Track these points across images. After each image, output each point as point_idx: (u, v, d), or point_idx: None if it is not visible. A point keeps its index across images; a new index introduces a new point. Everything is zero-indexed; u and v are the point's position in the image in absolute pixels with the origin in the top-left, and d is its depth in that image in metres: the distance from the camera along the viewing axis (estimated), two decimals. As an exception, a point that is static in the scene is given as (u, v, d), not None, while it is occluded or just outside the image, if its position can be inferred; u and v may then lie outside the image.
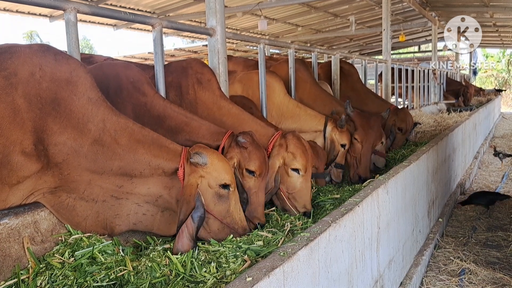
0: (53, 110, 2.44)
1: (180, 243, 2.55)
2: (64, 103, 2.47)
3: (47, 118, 2.42)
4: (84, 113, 2.52)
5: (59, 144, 2.46)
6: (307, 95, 5.52)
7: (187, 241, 2.56)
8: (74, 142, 2.49)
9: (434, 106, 13.45)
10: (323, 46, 20.98)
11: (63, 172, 2.51)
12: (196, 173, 2.66)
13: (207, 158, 2.67)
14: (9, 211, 2.46)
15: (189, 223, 2.58)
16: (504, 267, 4.61)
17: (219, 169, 2.71)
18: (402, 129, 6.28)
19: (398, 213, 3.88)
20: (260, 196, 3.17)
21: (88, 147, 2.51)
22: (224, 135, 3.14)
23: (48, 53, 2.50)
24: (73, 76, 2.53)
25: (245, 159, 3.08)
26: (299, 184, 3.54)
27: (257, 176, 3.12)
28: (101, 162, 2.55)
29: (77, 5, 2.90)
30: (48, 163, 2.46)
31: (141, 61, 15.13)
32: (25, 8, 10.65)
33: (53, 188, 2.53)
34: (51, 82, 2.45)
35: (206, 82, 3.76)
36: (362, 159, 4.83)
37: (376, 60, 9.62)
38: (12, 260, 2.36)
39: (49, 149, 2.44)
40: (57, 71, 2.48)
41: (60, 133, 2.45)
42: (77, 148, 2.49)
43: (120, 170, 2.59)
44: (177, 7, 12.52)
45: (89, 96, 2.56)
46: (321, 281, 2.38)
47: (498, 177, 8.68)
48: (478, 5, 13.83)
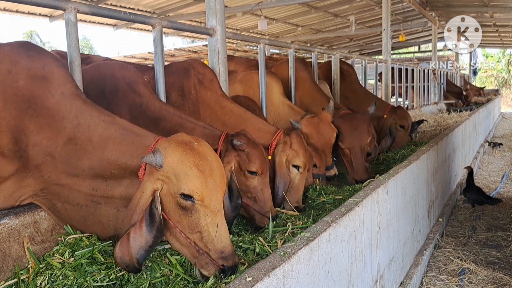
0: (30, 109, 2.33)
1: (121, 254, 2.15)
2: (40, 101, 2.35)
3: (24, 117, 2.32)
4: (59, 110, 2.37)
5: (38, 145, 2.33)
6: (306, 95, 5.53)
7: (128, 257, 2.15)
8: (50, 142, 2.34)
9: (434, 106, 13.45)
10: (323, 46, 20.98)
11: (43, 175, 2.38)
12: (153, 175, 2.19)
13: (163, 158, 2.15)
14: (9, 211, 2.46)
15: (141, 234, 2.14)
16: (504, 267, 4.61)
17: (179, 173, 2.16)
18: (404, 126, 6.22)
19: (398, 213, 3.88)
20: (266, 192, 3.24)
21: (62, 146, 2.35)
22: (219, 138, 3.13)
23: (22, 49, 2.41)
24: (47, 71, 2.40)
25: (244, 161, 3.09)
26: (297, 180, 3.66)
27: (259, 175, 3.16)
28: (74, 163, 2.35)
29: (77, 5, 2.90)
30: (28, 164, 2.36)
31: (141, 61, 15.15)
32: (25, 8, 10.63)
33: (39, 191, 2.43)
34: (27, 79, 2.35)
35: (208, 82, 3.80)
36: (354, 163, 4.78)
37: (376, 60, 9.63)
38: (12, 260, 2.36)
39: (28, 150, 2.34)
40: (32, 68, 2.38)
41: (37, 133, 2.33)
42: (52, 148, 2.34)
43: (91, 171, 2.35)
44: (177, 7, 12.51)
45: (63, 91, 2.40)
46: (321, 281, 2.38)
47: (498, 177, 8.68)
48: (478, 5, 13.82)
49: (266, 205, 3.21)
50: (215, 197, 2.21)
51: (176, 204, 2.19)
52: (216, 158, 2.31)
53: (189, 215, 2.18)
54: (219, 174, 2.26)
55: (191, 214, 2.17)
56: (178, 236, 2.23)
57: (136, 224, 2.13)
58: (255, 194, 3.18)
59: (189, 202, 2.16)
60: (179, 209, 2.19)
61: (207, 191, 2.17)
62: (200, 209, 2.17)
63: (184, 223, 2.20)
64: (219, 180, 2.25)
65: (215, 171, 2.24)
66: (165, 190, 2.19)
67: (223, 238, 2.20)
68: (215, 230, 2.18)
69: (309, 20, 16.49)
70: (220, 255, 2.19)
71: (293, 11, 14.88)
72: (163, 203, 2.20)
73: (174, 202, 2.19)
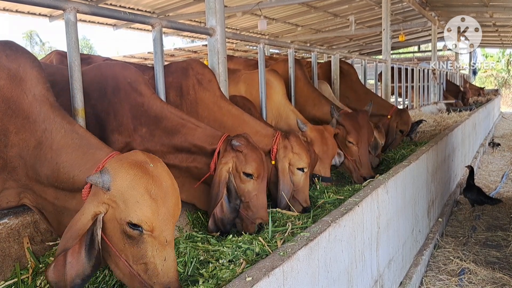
0: (9, 109, 2.28)
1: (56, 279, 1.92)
2: (18, 102, 2.29)
3: (3, 118, 2.28)
4: (32, 112, 2.29)
5: (15, 146, 2.27)
6: (299, 94, 5.53)
7: (63, 283, 1.92)
8: (24, 144, 2.27)
9: (434, 106, 13.46)
10: (323, 46, 20.98)
11: (20, 178, 2.31)
12: (97, 197, 1.96)
13: (111, 180, 1.92)
14: (8, 211, 2.46)
15: (78, 261, 1.92)
16: (503, 267, 4.62)
17: (128, 200, 1.92)
18: (403, 131, 6.39)
19: (397, 213, 3.88)
20: (261, 198, 3.14)
21: (32, 150, 2.25)
22: (220, 138, 3.11)
23: (2, 48, 2.36)
24: (21, 72, 2.33)
25: (241, 163, 3.04)
26: (302, 181, 3.67)
27: (255, 179, 3.09)
28: (37, 169, 2.24)
29: (77, 5, 2.89)
30: (6, 166, 2.31)
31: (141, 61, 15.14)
32: (25, 8, 10.63)
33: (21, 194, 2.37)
34: (6, 79, 2.30)
35: (206, 82, 3.78)
36: (362, 160, 4.81)
37: (376, 60, 9.63)
38: (12, 260, 2.36)
39: (7, 151, 2.29)
40: (10, 68, 2.32)
41: (16, 134, 2.28)
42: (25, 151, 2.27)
43: (47, 180, 2.22)
44: (177, 7, 12.51)
45: (34, 93, 2.32)
46: (321, 280, 2.38)
47: (498, 177, 8.68)
48: (478, 5, 13.83)
49: (260, 212, 3.10)
50: (167, 228, 1.98)
51: (121, 232, 1.96)
52: (172, 182, 2.07)
53: (135, 245, 1.96)
54: (174, 202, 2.03)
55: (137, 244, 1.96)
56: (121, 265, 2.01)
57: (72, 248, 1.92)
58: (249, 199, 3.09)
59: (137, 232, 1.93)
60: (124, 237, 1.96)
61: (158, 221, 1.94)
62: (148, 240, 1.95)
63: (128, 252, 1.98)
64: (173, 209, 2.02)
65: (169, 199, 2.01)
66: (110, 214, 1.97)
67: (170, 272, 1.98)
68: (162, 264, 1.97)
69: (308, 20, 16.50)
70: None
71: (292, 11, 14.88)
72: (106, 228, 1.99)
73: (120, 229, 1.96)
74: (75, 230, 1.94)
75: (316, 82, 6.15)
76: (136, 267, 1.98)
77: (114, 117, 3.05)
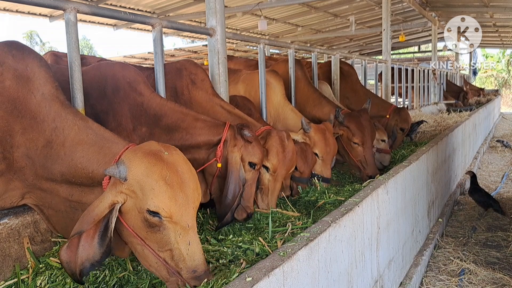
0: (15, 109, 2.30)
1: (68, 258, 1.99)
2: (24, 102, 2.31)
3: (9, 118, 2.29)
4: (40, 112, 2.32)
5: (21, 146, 2.29)
6: (299, 95, 5.54)
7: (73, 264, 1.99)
8: (32, 144, 2.29)
9: (434, 106, 13.45)
10: (323, 46, 20.99)
11: (27, 178, 2.33)
12: (116, 187, 2.04)
13: (127, 170, 1.99)
14: (9, 211, 2.46)
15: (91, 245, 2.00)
16: (504, 267, 4.62)
17: (144, 188, 1.98)
18: (404, 129, 6.36)
19: (398, 213, 3.88)
20: (253, 187, 3.32)
21: (41, 149, 2.28)
22: (223, 127, 3.13)
23: (9, 49, 2.38)
24: (29, 71, 2.36)
25: (249, 153, 3.15)
26: (266, 182, 3.52)
27: (256, 169, 3.24)
28: (48, 167, 2.27)
29: (77, 5, 2.89)
30: (12, 166, 2.32)
31: (141, 61, 15.16)
32: (25, 8, 10.64)
33: (26, 194, 2.40)
34: (13, 79, 2.32)
35: (199, 82, 3.85)
36: (367, 159, 4.83)
37: (376, 60, 9.62)
38: (12, 260, 2.36)
39: (13, 152, 2.30)
40: (17, 68, 2.35)
41: (22, 134, 2.29)
42: (33, 151, 2.29)
43: (62, 177, 2.25)
44: (177, 7, 12.52)
45: (43, 92, 2.34)
46: (321, 281, 2.38)
47: (498, 177, 8.68)
48: (478, 5, 13.83)
49: (250, 201, 3.25)
50: (186, 213, 2.02)
51: (142, 220, 2.02)
52: (188, 168, 2.11)
53: (158, 232, 2.01)
54: (192, 187, 2.07)
55: (159, 231, 2.01)
56: (148, 255, 2.07)
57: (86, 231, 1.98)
58: (246, 186, 3.21)
59: (156, 219, 1.98)
60: (146, 225, 2.02)
61: (175, 206, 1.99)
62: (169, 226, 2.00)
63: (153, 241, 2.04)
64: (191, 194, 2.06)
65: (186, 184, 2.05)
66: (130, 204, 2.03)
67: (195, 256, 2.04)
68: (187, 248, 2.02)
69: (309, 20, 16.50)
70: (192, 275, 2.03)
71: (293, 11, 14.88)
72: (129, 218, 2.05)
73: (141, 218, 2.02)
74: (91, 216, 1.99)
75: (316, 83, 6.15)
76: (162, 254, 2.04)
77: (113, 117, 3.06)
